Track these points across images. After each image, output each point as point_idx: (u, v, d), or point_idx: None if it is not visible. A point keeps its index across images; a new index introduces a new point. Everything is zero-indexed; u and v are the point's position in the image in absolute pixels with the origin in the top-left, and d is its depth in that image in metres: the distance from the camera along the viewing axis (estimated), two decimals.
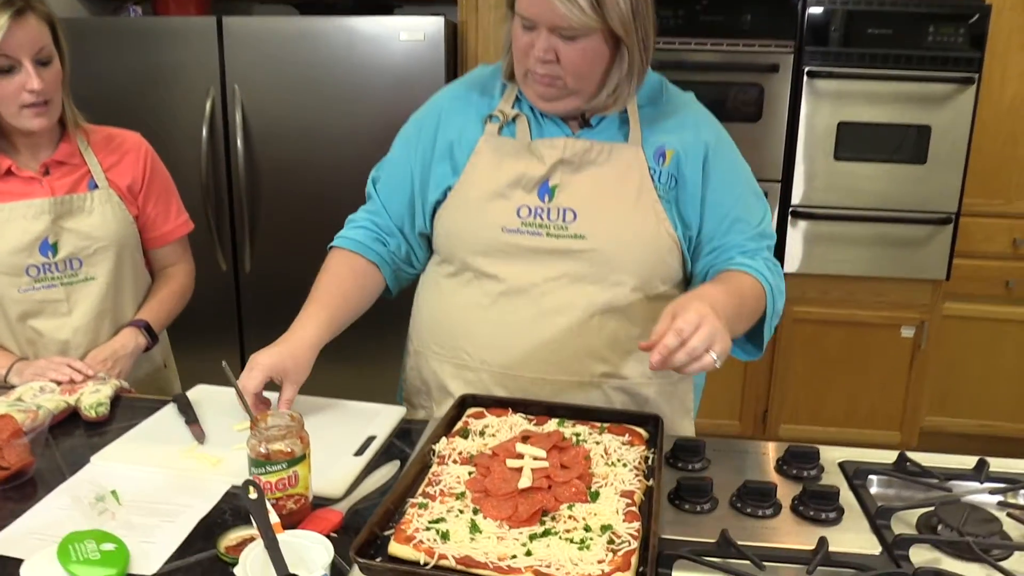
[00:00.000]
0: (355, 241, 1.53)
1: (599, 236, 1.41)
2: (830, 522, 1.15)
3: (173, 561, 1.07)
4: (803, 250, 3.06)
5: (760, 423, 3.26)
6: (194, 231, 2.62)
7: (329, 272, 1.50)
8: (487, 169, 1.44)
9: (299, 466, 1.12)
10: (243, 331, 3.27)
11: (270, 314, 3.20)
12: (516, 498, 1.08)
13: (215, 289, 3.20)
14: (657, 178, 1.42)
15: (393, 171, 1.55)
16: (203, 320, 3.22)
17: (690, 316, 1.19)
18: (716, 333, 1.18)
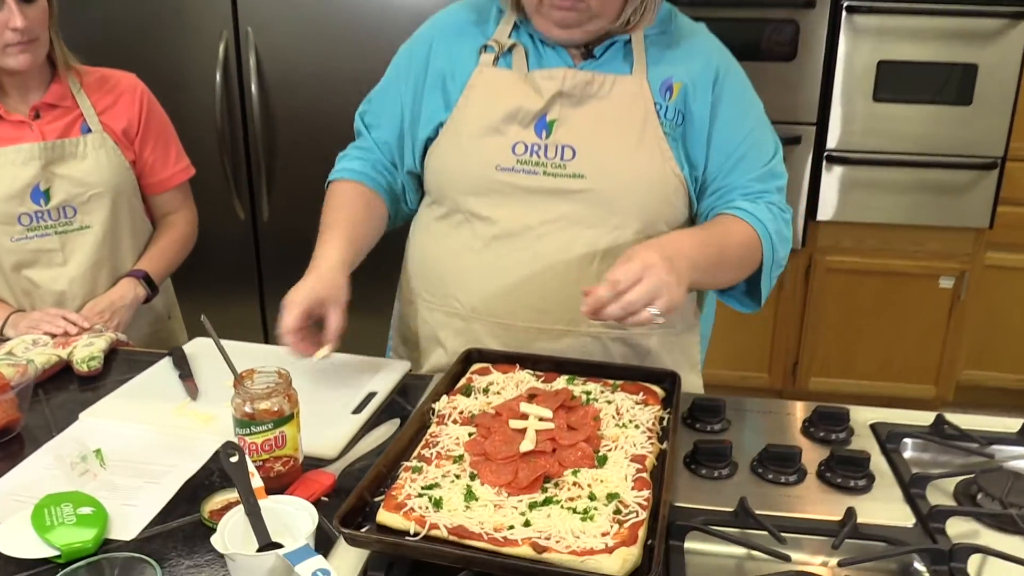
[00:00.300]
0: (354, 171, 1.45)
1: (599, 175, 1.31)
2: (859, 490, 1.06)
3: (154, 526, 1.01)
4: (838, 197, 2.92)
5: (790, 376, 3.15)
6: (211, 180, 2.52)
7: (335, 200, 1.42)
8: (481, 103, 1.33)
9: (287, 426, 1.04)
10: (263, 281, 3.21)
11: (290, 263, 3.09)
12: (517, 462, 1.00)
13: (234, 239, 3.13)
14: (663, 113, 1.31)
15: (383, 105, 1.46)
16: (222, 270, 3.19)
17: (632, 267, 1.09)
18: (660, 287, 1.08)
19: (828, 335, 3.08)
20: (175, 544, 0.97)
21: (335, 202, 1.42)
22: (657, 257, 1.10)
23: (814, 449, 1.15)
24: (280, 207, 3.09)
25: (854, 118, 2.85)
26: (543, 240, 1.34)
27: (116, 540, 0.98)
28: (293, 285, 1.32)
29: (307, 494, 1.04)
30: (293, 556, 0.87)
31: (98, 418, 1.24)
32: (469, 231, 1.38)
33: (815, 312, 3.06)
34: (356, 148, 1.50)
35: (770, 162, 1.35)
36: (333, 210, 1.40)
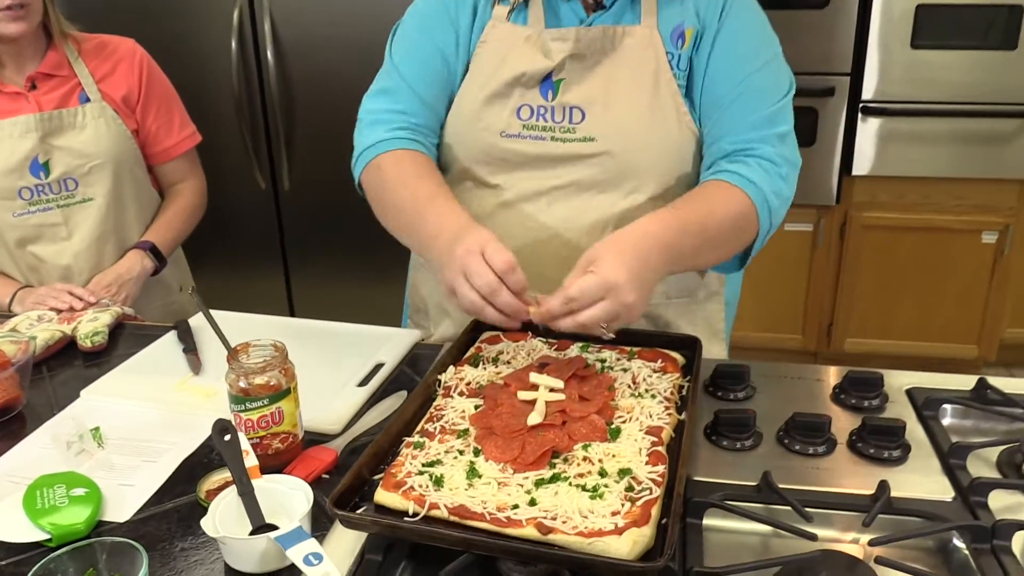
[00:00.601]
0: (406, 140, 1.26)
1: (611, 138, 1.22)
2: (893, 461, 0.98)
3: (149, 507, 0.97)
4: (875, 150, 2.79)
5: (825, 337, 3.06)
6: (231, 151, 2.47)
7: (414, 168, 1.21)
8: (488, 65, 1.25)
9: (283, 402, 0.99)
10: (286, 250, 3.17)
11: (312, 232, 3.11)
12: (524, 437, 0.94)
13: (255, 209, 3.10)
14: (676, 64, 1.21)
15: (417, 54, 1.28)
16: (245, 241, 3.16)
17: (592, 284, 0.97)
18: (618, 311, 0.98)
19: (864, 294, 2.97)
20: (169, 526, 0.93)
21: (416, 170, 1.21)
22: (624, 275, 0.97)
23: (845, 417, 1.08)
24: (300, 176, 3.05)
25: (891, 66, 2.71)
26: (553, 207, 1.27)
27: (110, 522, 0.94)
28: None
29: (306, 472, 1.00)
30: (285, 539, 0.82)
31: (99, 395, 1.20)
32: (476, 198, 1.31)
33: (851, 271, 2.95)
34: (390, 105, 1.28)
35: (772, 107, 1.20)
36: (421, 178, 1.20)
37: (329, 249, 3.11)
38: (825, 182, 2.83)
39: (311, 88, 2.93)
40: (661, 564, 0.74)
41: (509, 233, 1.29)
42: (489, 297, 0.99)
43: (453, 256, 1.01)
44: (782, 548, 0.86)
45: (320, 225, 3.09)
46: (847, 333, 3.03)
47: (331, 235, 3.07)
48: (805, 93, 2.62)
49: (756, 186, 1.16)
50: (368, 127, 1.29)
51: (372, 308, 2.57)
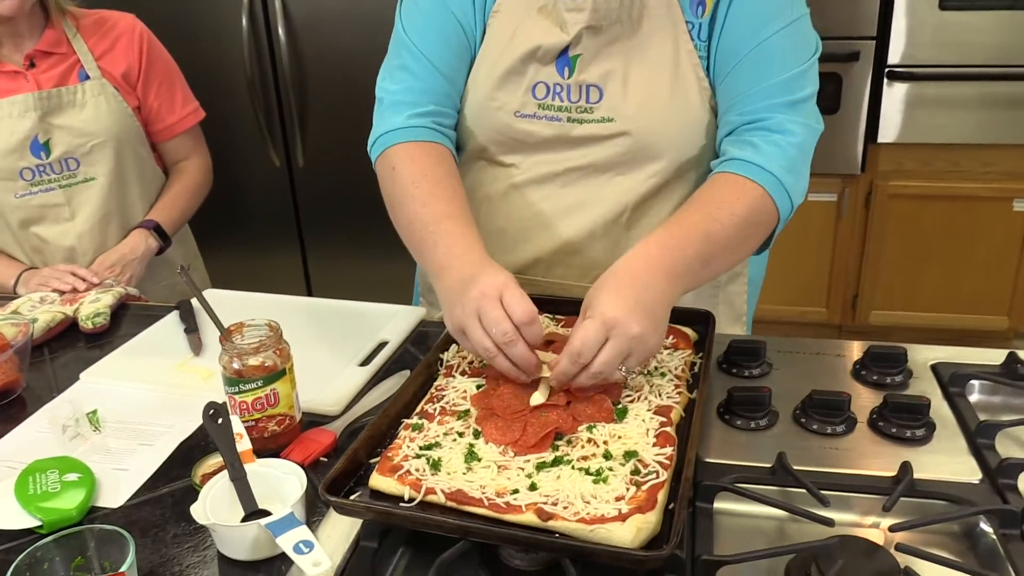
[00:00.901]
0: (425, 128, 1.18)
1: (631, 118, 1.15)
2: (917, 441, 0.93)
3: (144, 492, 0.94)
4: (901, 116, 2.70)
5: (849, 309, 2.99)
6: (244, 129, 2.42)
7: (431, 174, 1.13)
8: (502, 37, 1.17)
9: (278, 383, 0.96)
10: (302, 228, 3.15)
11: (328, 209, 3.08)
12: (525, 418, 0.89)
13: (270, 187, 3.07)
14: (696, 34, 1.13)
15: (432, 25, 1.19)
16: (261, 220, 3.14)
17: (591, 332, 0.88)
18: (628, 347, 0.89)
19: (890, 265, 2.90)
20: (163, 511, 0.91)
21: (432, 175, 1.12)
22: (621, 308, 0.89)
23: (866, 394, 1.03)
24: (314, 153, 3.01)
25: (919, 29, 2.61)
26: (568, 189, 1.21)
27: (103, 508, 0.92)
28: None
29: (304, 455, 0.97)
30: (275, 526, 0.79)
31: (99, 377, 1.18)
32: (488, 178, 1.26)
33: (876, 241, 2.87)
34: (407, 80, 1.20)
35: (790, 72, 1.10)
36: (436, 187, 1.11)
37: (345, 226, 3.08)
38: (849, 150, 2.74)
39: (323, 63, 2.88)
40: (666, 553, 0.70)
41: (521, 215, 1.24)
42: (504, 347, 0.90)
43: (467, 296, 0.92)
44: (797, 533, 0.81)
45: (336, 202, 3.05)
46: (872, 305, 2.96)
47: (347, 212, 3.04)
48: (829, 58, 2.53)
49: (765, 170, 1.07)
50: (389, 109, 1.20)
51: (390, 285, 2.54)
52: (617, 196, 1.20)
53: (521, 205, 1.24)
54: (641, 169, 1.18)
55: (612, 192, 1.20)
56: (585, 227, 1.21)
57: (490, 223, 1.27)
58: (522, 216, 1.25)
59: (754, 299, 1.37)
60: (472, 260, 0.99)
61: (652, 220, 1.21)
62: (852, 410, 0.97)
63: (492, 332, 0.90)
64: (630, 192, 1.19)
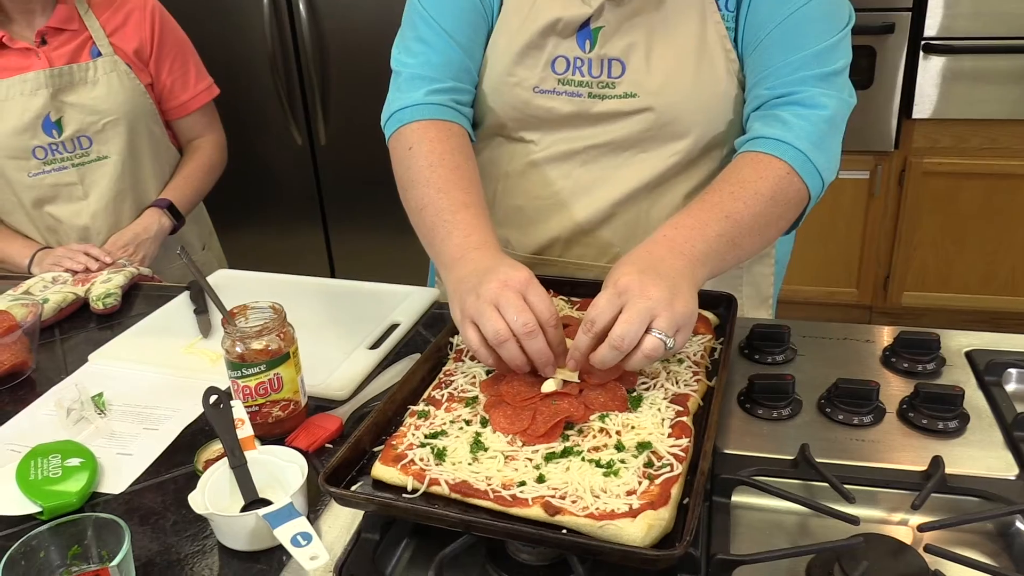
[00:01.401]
0: (442, 107, 1.13)
1: (655, 94, 1.09)
2: (949, 433, 0.88)
3: (146, 478, 0.92)
4: (938, 91, 2.61)
5: (881, 290, 2.92)
6: (266, 107, 2.38)
7: (448, 160, 1.07)
8: (519, 11, 1.12)
9: (282, 367, 0.93)
10: (324, 207, 3.13)
11: (351, 187, 3.05)
12: (535, 405, 0.85)
13: (293, 166, 3.05)
14: (724, 4, 1.07)
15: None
16: (284, 199, 3.12)
17: (604, 299, 0.84)
18: (649, 307, 0.83)
19: (924, 245, 2.82)
20: (164, 498, 0.89)
21: (449, 160, 1.07)
22: (632, 274, 0.85)
23: (896, 383, 0.98)
24: (337, 131, 2.99)
25: (956, 0, 2.50)
26: (587, 167, 1.16)
27: (104, 494, 0.90)
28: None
29: (309, 441, 0.94)
30: (274, 517, 0.77)
31: (107, 359, 1.16)
32: (506, 155, 1.21)
33: (910, 220, 2.79)
34: (424, 54, 1.14)
35: (823, 43, 1.04)
36: (453, 173, 1.05)
37: (369, 205, 3.05)
38: (883, 126, 2.66)
39: (345, 39, 2.85)
40: (678, 552, 0.66)
41: (538, 192, 1.20)
42: (523, 337, 0.84)
43: (485, 286, 0.86)
44: (820, 531, 0.77)
45: (359, 180, 3.02)
46: (904, 286, 2.88)
47: (371, 190, 3.01)
48: (862, 31, 2.44)
49: (792, 147, 1.01)
50: (407, 83, 1.15)
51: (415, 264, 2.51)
52: (639, 174, 1.15)
53: (540, 183, 1.20)
54: (665, 146, 1.13)
55: (634, 170, 1.15)
56: (605, 206, 1.17)
57: (507, 201, 1.23)
58: (540, 194, 1.20)
59: (780, 280, 1.32)
60: (489, 254, 0.94)
61: (676, 198, 1.16)
62: (880, 400, 0.92)
63: (513, 321, 0.84)
64: (653, 170, 1.14)
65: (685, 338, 0.85)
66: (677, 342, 0.83)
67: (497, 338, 0.85)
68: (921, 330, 1.02)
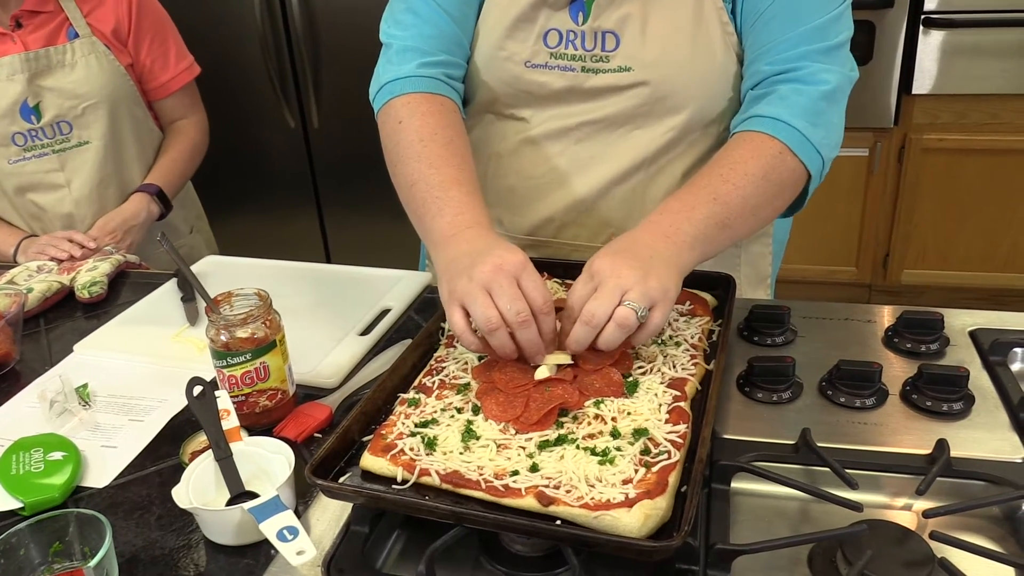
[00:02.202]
0: (433, 79, 1.10)
1: (649, 67, 1.06)
2: (954, 415, 0.86)
3: (130, 472, 0.90)
4: (937, 66, 2.57)
5: (880, 269, 2.89)
6: (257, 90, 2.33)
7: (440, 135, 1.04)
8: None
9: (268, 356, 0.91)
10: (318, 190, 3.09)
11: (345, 170, 3.02)
12: (528, 392, 0.83)
13: (285, 149, 3.02)
14: None
15: None
16: (276, 183, 3.09)
17: (579, 283, 0.85)
18: (620, 285, 0.82)
19: (924, 223, 2.79)
20: (149, 492, 0.86)
21: (440, 134, 1.04)
22: (606, 256, 0.85)
23: (899, 364, 0.95)
24: (330, 113, 2.95)
25: None
26: (582, 144, 1.14)
27: (88, 488, 0.88)
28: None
29: (297, 431, 0.92)
30: (259, 511, 0.74)
31: (92, 349, 1.13)
32: (497, 132, 1.19)
33: (909, 197, 2.76)
34: (416, 25, 1.11)
35: (825, 16, 1.01)
36: (444, 148, 1.03)
37: (364, 188, 3.01)
38: (882, 102, 2.62)
39: (337, 18, 2.80)
40: (676, 543, 0.64)
41: (532, 171, 1.17)
42: (516, 326, 0.81)
43: (477, 269, 0.84)
44: (822, 518, 0.75)
45: (354, 163, 2.99)
46: (904, 264, 2.86)
47: (366, 173, 2.98)
48: (861, 5, 2.40)
49: (786, 125, 0.99)
50: (398, 55, 1.11)
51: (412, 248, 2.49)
52: (635, 151, 1.12)
53: (532, 161, 1.17)
54: (660, 122, 1.10)
55: (629, 147, 1.12)
56: (600, 184, 1.14)
57: (499, 181, 1.20)
58: (533, 173, 1.17)
59: (778, 259, 1.30)
60: (481, 234, 0.92)
61: (673, 176, 1.13)
62: (883, 381, 0.90)
63: (506, 309, 0.81)
64: (649, 147, 1.11)
65: (662, 315, 0.83)
66: (653, 318, 0.82)
67: (488, 325, 0.82)
68: (924, 309, 1.00)
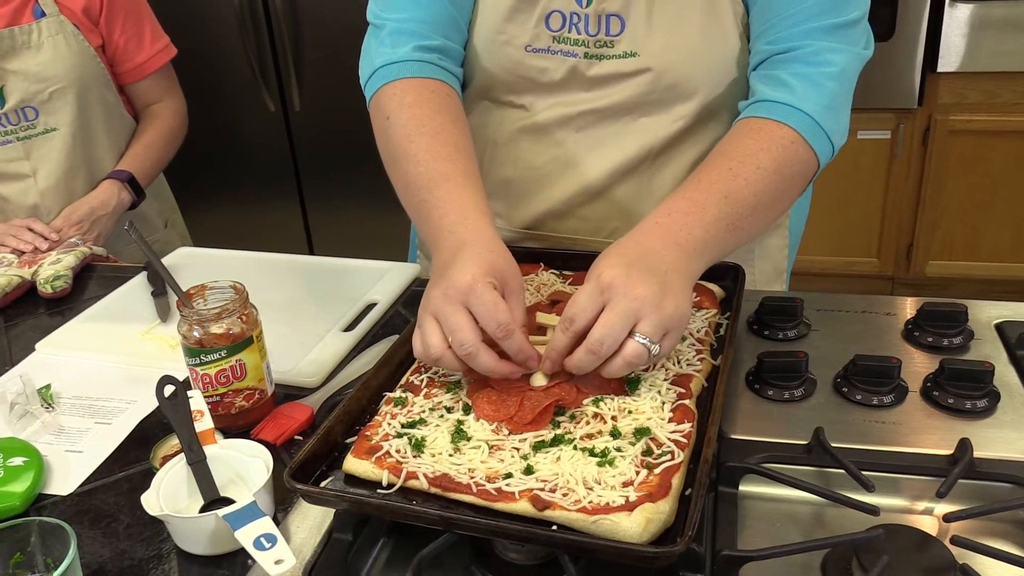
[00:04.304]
0: (427, 64, 1.09)
1: (658, 53, 1.06)
2: (978, 413, 0.86)
3: (97, 478, 0.90)
4: (965, 42, 2.58)
5: (904, 260, 2.92)
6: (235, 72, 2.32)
7: (429, 125, 1.03)
8: None
9: (244, 353, 0.91)
10: (300, 177, 3.10)
11: (328, 158, 3.02)
12: (523, 390, 0.83)
13: (265, 134, 3.02)
14: None
15: None
16: (256, 170, 3.09)
17: (584, 294, 0.81)
18: (634, 308, 0.80)
19: (950, 210, 2.81)
20: (117, 499, 0.87)
21: (431, 125, 1.02)
22: (618, 267, 0.82)
23: (919, 359, 0.96)
24: (312, 96, 2.96)
25: None
26: (584, 133, 1.14)
27: (52, 495, 0.88)
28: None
29: (277, 433, 0.93)
30: (234, 518, 0.75)
31: (56, 348, 1.14)
32: (494, 121, 1.19)
33: (935, 183, 2.78)
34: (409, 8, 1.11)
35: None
36: (435, 141, 1.01)
37: (348, 175, 3.02)
38: (906, 81, 2.63)
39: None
40: (680, 548, 0.64)
41: (530, 161, 1.18)
42: (463, 357, 0.81)
43: (429, 293, 0.85)
44: (836, 523, 0.76)
45: (337, 149, 3.00)
46: (929, 255, 2.88)
47: (350, 160, 2.99)
48: None
49: (799, 111, 0.98)
50: (390, 37, 1.10)
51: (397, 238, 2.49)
52: (640, 141, 1.13)
53: (531, 152, 1.17)
54: (668, 111, 1.10)
55: (635, 137, 1.13)
56: (603, 176, 1.14)
57: (494, 172, 1.21)
58: (532, 164, 1.18)
59: (794, 251, 1.30)
60: (457, 240, 0.89)
61: (680, 167, 1.14)
62: (902, 378, 0.91)
63: (449, 335, 0.81)
64: (655, 137, 1.12)
65: (673, 343, 0.82)
66: (663, 348, 0.81)
67: (428, 355, 0.83)
68: (947, 301, 1.01)
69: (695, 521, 0.66)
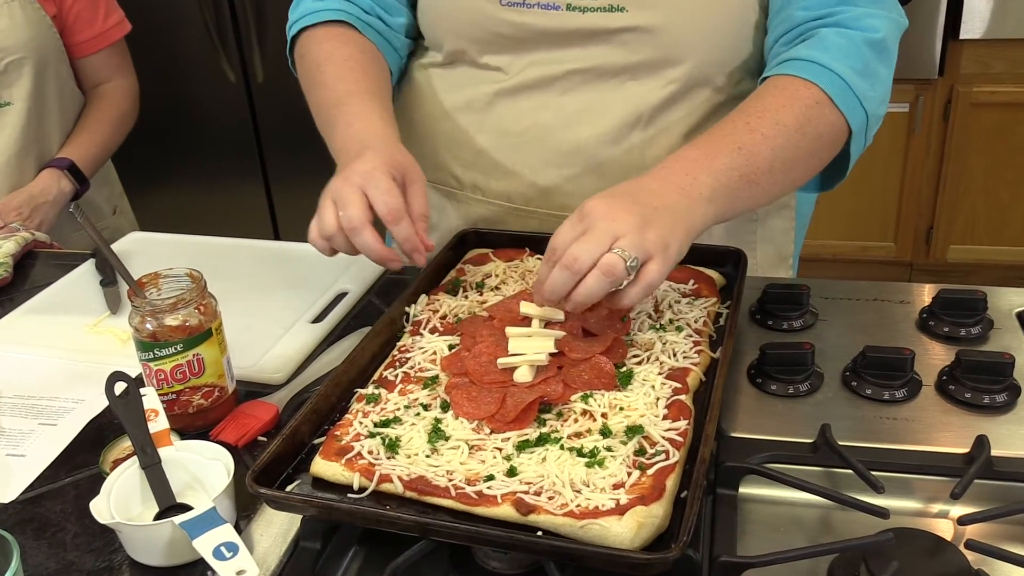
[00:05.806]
0: (339, 10, 1.18)
1: (647, 8, 1.08)
2: (997, 409, 0.89)
3: (41, 484, 0.91)
4: (990, 6, 2.61)
5: (923, 244, 2.96)
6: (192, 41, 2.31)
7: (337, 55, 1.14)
8: None
9: (203, 346, 0.92)
10: (263, 151, 3.10)
11: (291, 130, 3.02)
12: (505, 385, 0.85)
13: (225, 105, 3.03)
14: None
15: None
16: (217, 147, 3.10)
17: (566, 225, 0.86)
18: (615, 229, 0.83)
19: (973, 190, 2.85)
20: (64, 506, 0.88)
21: (339, 53, 1.13)
22: (603, 198, 0.87)
23: (935, 350, 0.98)
24: (276, 65, 2.95)
25: None
26: (568, 96, 1.15)
27: None
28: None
29: (239, 434, 0.94)
30: (192, 525, 0.76)
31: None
32: (470, 84, 1.20)
33: (956, 160, 2.82)
34: None
35: None
36: (343, 69, 1.12)
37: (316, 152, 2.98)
38: (926, 49, 2.66)
39: None
40: (674, 555, 0.66)
41: (510, 128, 1.19)
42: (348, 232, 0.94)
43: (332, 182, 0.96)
44: (844, 526, 0.78)
45: (303, 123, 2.96)
46: (951, 239, 2.93)
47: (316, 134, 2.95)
48: None
49: (827, 69, 1.00)
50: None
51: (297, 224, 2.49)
52: (628, 105, 1.14)
53: (510, 117, 1.18)
54: (659, 74, 1.12)
55: (623, 100, 1.14)
56: (590, 142, 1.16)
57: (471, 141, 1.22)
58: (512, 129, 1.19)
59: (801, 235, 1.32)
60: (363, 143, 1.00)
61: (674, 138, 1.15)
62: (916, 370, 0.93)
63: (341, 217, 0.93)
64: (644, 101, 1.13)
65: (659, 271, 0.84)
66: (647, 273, 0.83)
67: (321, 233, 0.95)
68: (965, 288, 1.03)
69: (691, 525, 0.68)
